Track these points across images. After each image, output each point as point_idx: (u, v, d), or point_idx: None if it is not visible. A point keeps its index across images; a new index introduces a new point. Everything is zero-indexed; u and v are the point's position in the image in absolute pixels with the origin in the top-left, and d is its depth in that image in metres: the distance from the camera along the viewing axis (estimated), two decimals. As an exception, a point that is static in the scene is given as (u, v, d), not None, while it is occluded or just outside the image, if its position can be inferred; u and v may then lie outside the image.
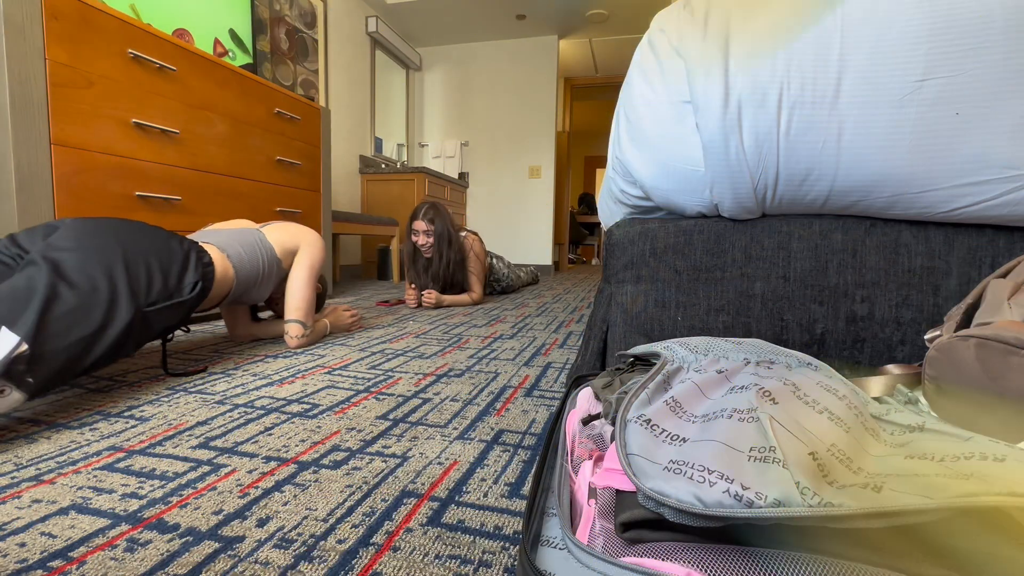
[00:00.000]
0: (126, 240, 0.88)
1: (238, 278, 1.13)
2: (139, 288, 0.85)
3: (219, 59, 1.72)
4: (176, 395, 0.90)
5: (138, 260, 0.87)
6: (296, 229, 1.32)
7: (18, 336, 0.67)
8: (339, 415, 0.81)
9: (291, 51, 3.01)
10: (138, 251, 0.89)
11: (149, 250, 0.91)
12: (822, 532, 0.29)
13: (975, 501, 0.24)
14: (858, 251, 0.71)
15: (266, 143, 1.93)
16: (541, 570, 0.30)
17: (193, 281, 0.96)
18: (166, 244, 0.95)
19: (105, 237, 0.86)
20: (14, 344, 0.66)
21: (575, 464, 0.45)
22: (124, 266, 0.84)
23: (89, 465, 0.63)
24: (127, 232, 0.90)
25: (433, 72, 4.68)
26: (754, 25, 0.65)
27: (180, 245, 0.98)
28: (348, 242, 3.74)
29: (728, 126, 0.66)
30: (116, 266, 0.83)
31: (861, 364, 0.73)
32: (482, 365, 1.15)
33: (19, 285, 0.73)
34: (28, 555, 0.45)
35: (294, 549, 0.46)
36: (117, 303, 0.81)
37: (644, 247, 0.80)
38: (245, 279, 1.16)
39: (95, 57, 1.31)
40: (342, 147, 3.61)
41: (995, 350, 0.40)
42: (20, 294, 0.71)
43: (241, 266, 1.14)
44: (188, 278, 0.96)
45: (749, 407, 0.36)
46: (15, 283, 0.73)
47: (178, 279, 0.93)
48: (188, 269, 0.96)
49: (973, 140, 0.60)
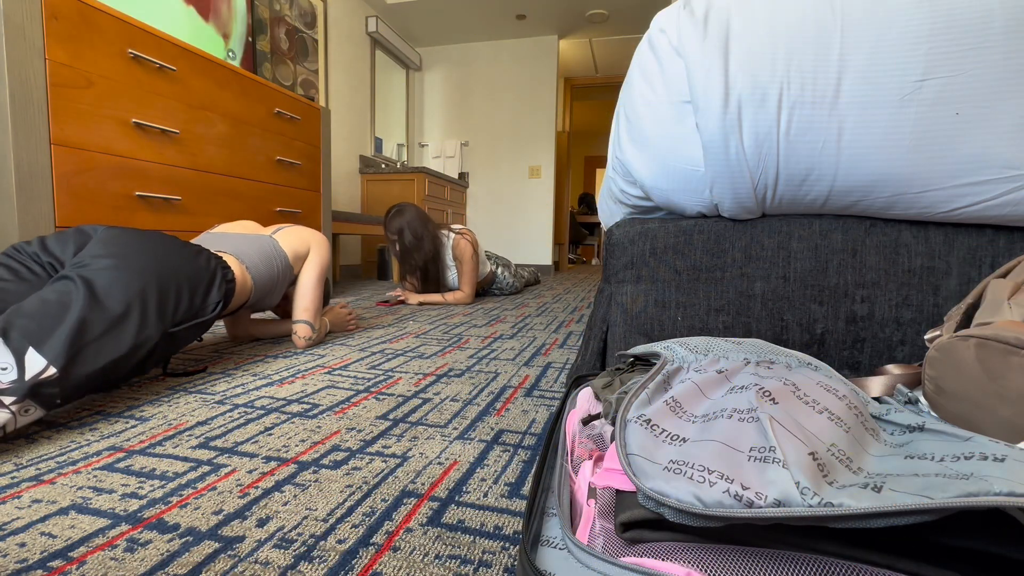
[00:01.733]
0: (159, 258, 0.88)
1: (256, 288, 1.14)
2: (167, 309, 0.85)
3: (219, 59, 1.71)
4: (176, 395, 0.90)
5: (169, 281, 0.87)
6: (307, 234, 1.33)
7: (46, 360, 0.66)
8: (339, 415, 0.81)
9: (291, 51, 3.01)
10: (169, 270, 0.88)
11: (180, 270, 0.90)
12: (822, 532, 0.29)
13: (975, 501, 0.24)
14: (858, 251, 0.71)
15: (266, 143, 1.93)
16: (541, 570, 0.30)
17: (216, 300, 0.97)
18: (194, 262, 0.94)
19: (139, 255, 0.85)
20: (41, 367, 0.65)
21: (575, 464, 0.45)
22: (156, 287, 0.84)
23: (89, 465, 0.63)
24: (160, 249, 0.90)
25: (433, 72, 4.68)
26: (754, 25, 0.65)
27: (207, 263, 0.97)
28: (348, 242, 3.74)
29: (728, 126, 0.66)
30: (150, 287, 0.83)
31: (861, 364, 0.73)
32: (482, 365, 1.15)
33: (51, 300, 0.72)
34: (28, 555, 0.45)
35: (294, 549, 0.46)
36: (147, 325, 0.80)
37: (644, 247, 0.80)
38: (261, 289, 1.17)
39: (95, 57, 1.31)
40: (342, 147, 3.61)
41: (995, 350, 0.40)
42: (52, 310, 0.70)
43: (259, 277, 1.15)
44: (212, 297, 0.96)
45: (749, 407, 0.36)
46: (47, 297, 0.72)
47: (203, 298, 0.94)
48: (213, 289, 0.97)
49: (973, 140, 0.60)
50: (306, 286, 1.29)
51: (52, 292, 0.73)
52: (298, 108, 2.09)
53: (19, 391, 0.63)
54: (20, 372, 0.64)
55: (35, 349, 0.66)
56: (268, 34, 2.82)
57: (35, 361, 0.65)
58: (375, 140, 3.99)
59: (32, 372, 0.65)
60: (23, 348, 0.65)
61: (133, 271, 0.82)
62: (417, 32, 4.31)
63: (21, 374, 0.64)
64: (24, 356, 0.65)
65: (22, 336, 0.66)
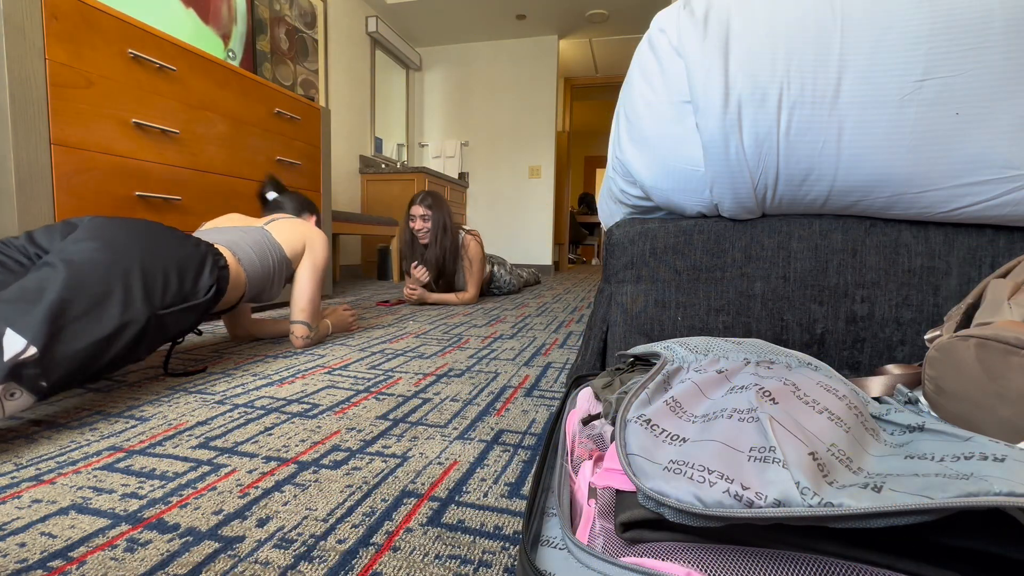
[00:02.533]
0: (143, 241, 0.87)
1: (249, 280, 1.13)
2: (155, 291, 0.84)
3: (219, 59, 1.71)
4: (176, 395, 0.90)
5: (155, 262, 0.86)
6: (303, 228, 1.31)
7: (25, 339, 0.66)
8: (339, 415, 0.81)
9: (291, 51, 3.01)
10: (155, 253, 0.87)
11: (166, 252, 0.89)
12: (822, 532, 0.29)
13: (975, 501, 0.24)
14: (858, 251, 0.71)
15: (266, 143, 1.93)
16: (541, 570, 0.30)
17: (208, 284, 0.96)
18: (183, 246, 0.94)
19: (123, 238, 0.85)
20: (21, 347, 0.65)
21: (575, 464, 0.45)
22: (140, 268, 0.83)
23: (89, 465, 0.63)
24: (145, 233, 0.89)
25: (433, 72, 4.68)
26: (754, 25, 0.65)
27: (197, 247, 0.97)
28: (348, 242, 3.74)
29: (728, 126, 0.66)
30: (133, 268, 0.82)
31: (861, 364, 0.73)
32: (482, 365, 1.15)
33: (29, 286, 0.71)
34: (28, 555, 0.45)
35: (294, 549, 0.46)
36: (132, 306, 0.80)
37: (644, 247, 0.80)
38: (258, 281, 1.16)
39: (95, 57, 1.30)
40: (342, 147, 3.61)
41: (995, 350, 0.40)
42: (29, 295, 0.70)
43: (252, 268, 1.13)
44: (203, 281, 0.95)
45: (749, 407, 0.36)
46: (25, 283, 0.72)
47: (194, 282, 0.93)
48: (204, 272, 0.96)
49: (973, 140, 0.60)
50: (302, 285, 1.27)
51: (31, 279, 0.73)
52: (298, 108, 2.09)
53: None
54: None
55: (12, 329, 0.65)
56: (268, 34, 2.82)
57: (14, 340, 0.65)
58: (375, 140, 3.99)
59: (11, 352, 0.64)
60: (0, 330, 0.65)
61: (115, 252, 0.81)
62: (417, 32, 4.31)
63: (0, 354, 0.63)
64: (2, 338, 0.64)
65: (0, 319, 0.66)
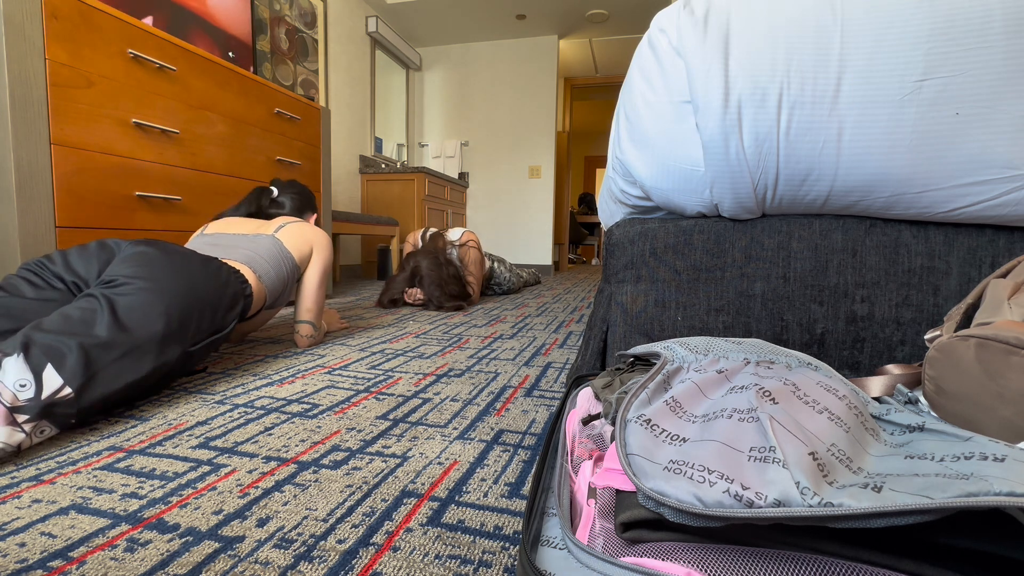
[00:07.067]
0: (183, 279, 0.87)
1: (268, 295, 1.15)
2: (189, 330, 0.84)
3: (219, 59, 1.71)
4: (176, 395, 0.90)
5: (193, 303, 0.86)
6: (310, 233, 1.32)
7: (62, 380, 0.65)
8: (339, 415, 0.81)
9: (291, 51, 3.01)
10: (194, 293, 0.87)
11: (203, 290, 0.89)
12: (822, 532, 0.29)
13: (975, 501, 0.24)
14: (858, 251, 0.71)
15: (266, 143, 1.93)
16: (541, 570, 0.30)
17: (235, 317, 0.98)
18: (216, 281, 0.94)
19: (166, 277, 0.84)
20: (58, 386, 0.64)
21: (575, 464, 0.45)
22: (180, 310, 0.83)
23: (89, 465, 0.63)
24: (183, 269, 0.88)
25: (433, 72, 4.68)
26: (754, 25, 0.65)
27: (228, 280, 0.97)
28: (348, 242, 3.74)
29: (728, 126, 0.66)
30: (174, 311, 0.82)
31: (861, 364, 0.73)
32: (482, 365, 1.15)
33: (73, 317, 0.71)
34: (28, 555, 0.45)
35: (294, 549, 0.46)
36: (168, 348, 0.80)
37: (644, 247, 0.80)
38: (274, 293, 1.17)
39: (95, 57, 1.31)
40: (342, 147, 3.61)
41: (995, 350, 0.40)
42: (73, 328, 0.69)
43: (270, 283, 1.15)
44: (232, 316, 0.96)
45: (749, 407, 0.36)
46: (69, 314, 0.71)
47: (224, 316, 0.94)
48: (235, 308, 0.97)
49: (973, 140, 0.60)
50: (310, 287, 1.29)
51: (75, 309, 0.72)
52: (298, 108, 2.09)
53: (34, 409, 0.62)
54: (38, 390, 0.63)
55: (53, 367, 0.65)
56: (268, 34, 2.82)
57: (52, 379, 0.64)
58: (375, 140, 3.99)
59: (49, 391, 0.64)
60: (42, 365, 0.64)
61: (157, 293, 0.81)
62: (417, 32, 4.31)
63: (39, 392, 0.63)
64: (42, 374, 0.64)
65: (41, 353, 0.65)
